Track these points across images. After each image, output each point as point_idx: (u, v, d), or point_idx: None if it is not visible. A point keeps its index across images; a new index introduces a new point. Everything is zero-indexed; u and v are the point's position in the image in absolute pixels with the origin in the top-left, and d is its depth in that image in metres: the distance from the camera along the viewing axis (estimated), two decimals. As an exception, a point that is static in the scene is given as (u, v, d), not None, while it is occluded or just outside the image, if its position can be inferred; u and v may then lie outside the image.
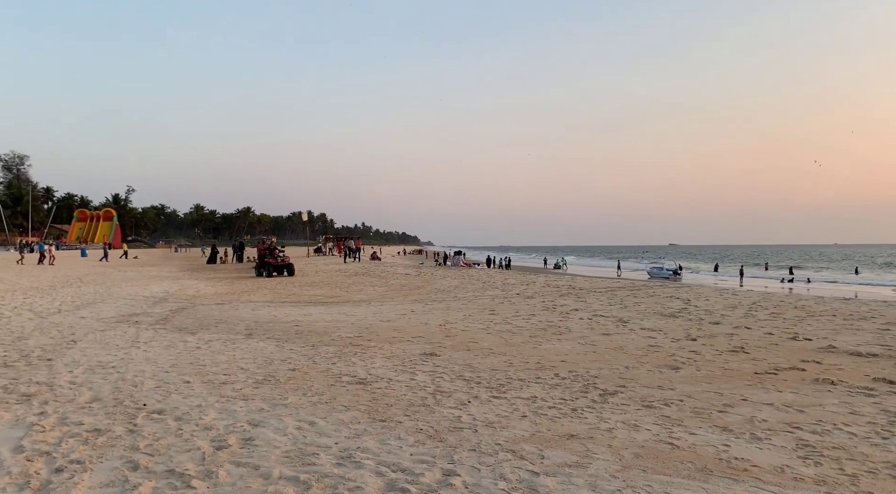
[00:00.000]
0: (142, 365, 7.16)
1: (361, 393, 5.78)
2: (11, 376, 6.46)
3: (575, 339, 8.96)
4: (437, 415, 5.02)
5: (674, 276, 43.08)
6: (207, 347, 8.43)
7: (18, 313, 12.06)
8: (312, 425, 4.73)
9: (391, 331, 9.92)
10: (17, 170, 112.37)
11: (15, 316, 11.50)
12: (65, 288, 18.49)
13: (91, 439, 4.35)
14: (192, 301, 15.49)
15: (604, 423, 4.81)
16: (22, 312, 12.22)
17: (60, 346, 8.37)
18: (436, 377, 6.49)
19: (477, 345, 8.49)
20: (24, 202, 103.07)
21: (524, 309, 12.75)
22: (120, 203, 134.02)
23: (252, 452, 4.08)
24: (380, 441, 4.32)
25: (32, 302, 14.05)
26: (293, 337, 9.41)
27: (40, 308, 13.08)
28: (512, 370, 6.86)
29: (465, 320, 11.21)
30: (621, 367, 7.03)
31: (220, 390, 5.92)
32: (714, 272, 55.03)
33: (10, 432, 4.55)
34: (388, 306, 14.14)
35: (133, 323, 10.87)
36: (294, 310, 13.39)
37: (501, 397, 5.64)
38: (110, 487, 3.49)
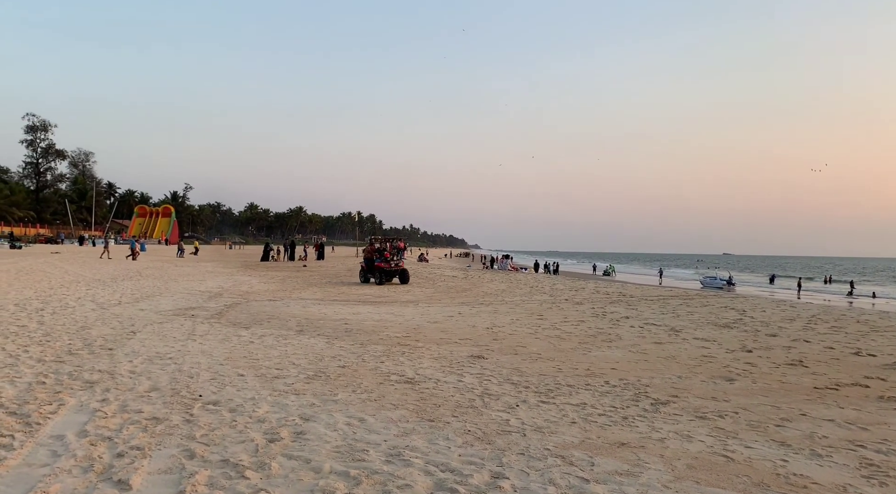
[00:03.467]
0: (197, 357, 7.36)
1: (409, 393, 5.81)
2: (76, 363, 6.74)
3: (625, 347, 8.81)
4: (485, 418, 5.00)
5: (727, 286, 41.97)
6: (260, 342, 8.62)
7: (82, 304, 12.56)
8: (362, 422, 4.79)
9: (438, 333, 9.95)
10: (82, 166, 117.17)
11: (79, 307, 11.98)
12: (125, 280, 19.18)
13: (150, 427, 4.50)
14: (245, 296, 15.85)
15: (655, 433, 4.72)
16: (85, 303, 12.73)
17: (121, 337, 8.68)
18: (483, 379, 6.48)
19: (525, 350, 8.43)
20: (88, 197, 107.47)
21: (573, 315, 12.61)
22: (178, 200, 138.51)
23: (303, 446, 4.15)
24: (428, 441, 4.34)
25: (95, 294, 14.61)
26: (342, 334, 9.53)
27: (102, 299, 13.59)
28: (561, 375, 6.79)
29: (513, 324, 11.15)
30: (673, 377, 6.88)
31: (273, 384, 6.04)
32: (770, 284, 53.31)
33: (75, 417, 4.74)
34: (436, 308, 14.18)
35: (189, 317, 11.19)
36: (343, 309, 13.56)
37: (550, 402, 5.59)
38: (168, 474, 3.60)
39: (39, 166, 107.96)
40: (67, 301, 12.86)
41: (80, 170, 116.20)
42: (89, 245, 65.72)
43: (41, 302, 12.47)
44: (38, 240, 76.04)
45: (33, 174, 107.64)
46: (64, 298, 13.32)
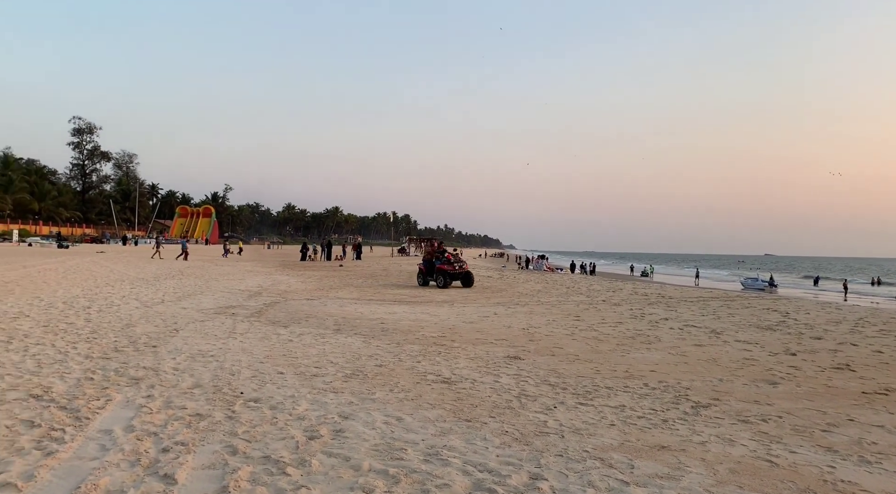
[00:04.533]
0: (238, 355, 7.50)
1: (446, 393, 5.83)
2: (122, 360, 6.92)
3: (665, 349, 8.69)
4: (523, 419, 4.99)
5: (769, 288, 41.05)
6: (299, 340, 8.73)
7: (126, 302, 12.90)
8: (399, 421, 4.81)
9: (474, 333, 9.95)
10: (126, 167, 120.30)
11: (124, 305, 12.31)
12: (167, 279, 19.63)
13: (193, 423, 4.60)
14: (283, 295, 16.08)
15: (697, 436, 4.64)
16: (129, 301, 13.07)
17: (164, 334, 8.88)
18: (520, 380, 6.45)
19: (562, 351, 8.38)
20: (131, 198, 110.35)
21: (611, 317, 12.48)
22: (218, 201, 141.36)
23: (343, 443, 4.20)
24: (466, 441, 4.34)
25: (139, 292, 15.00)
26: (379, 334, 9.60)
27: (146, 297, 13.94)
28: (599, 377, 6.73)
29: (550, 325, 11.09)
30: (714, 380, 6.76)
31: (312, 382, 6.12)
32: (814, 285, 51.92)
33: (122, 412, 4.88)
34: (471, 308, 14.18)
35: (230, 315, 11.41)
36: (379, 308, 13.66)
37: (588, 404, 5.55)
38: (212, 469, 3.67)
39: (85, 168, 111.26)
40: (113, 299, 13.23)
41: (123, 172, 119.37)
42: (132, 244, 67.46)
43: (88, 300, 12.85)
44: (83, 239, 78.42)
45: (79, 176, 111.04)
46: (109, 296, 13.70)
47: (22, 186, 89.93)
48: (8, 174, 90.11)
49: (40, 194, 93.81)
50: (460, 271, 21.37)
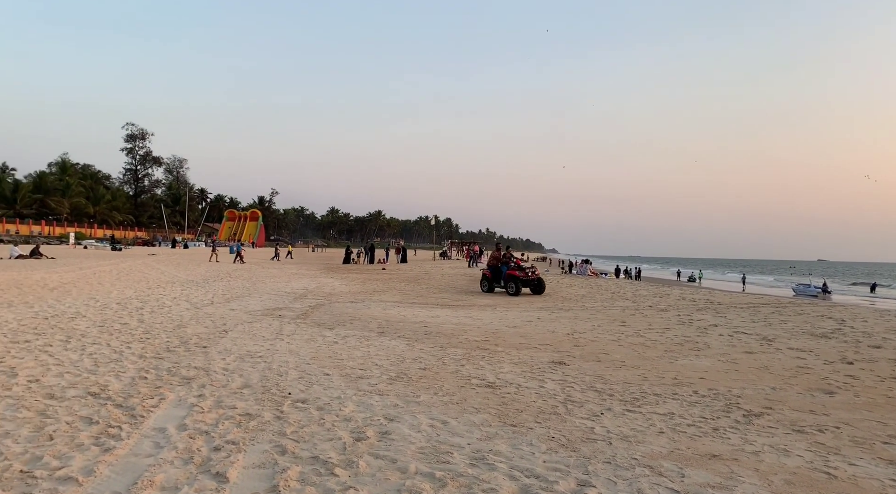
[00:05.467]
0: (285, 356, 7.62)
1: (491, 397, 5.81)
2: (174, 360, 7.11)
3: (714, 356, 8.48)
4: (569, 425, 4.93)
5: (822, 294, 39.74)
6: (344, 342, 8.82)
7: (177, 303, 13.24)
8: (445, 424, 4.82)
9: (518, 337, 9.89)
10: (176, 172, 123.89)
11: (175, 306, 12.64)
12: (216, 281, 20.08)
13: (243, 422, 4.69)
14: (328, 298, 16.28)
15: (749, 445, 4.52)
16: (180, 302, 13.41)
17: (214, 335, 9.09)
18: (566, 386, 6.39)
19: (608, 357, 8.26)
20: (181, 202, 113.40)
21: (658, 323, 12.25)
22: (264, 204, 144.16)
23: (389, 445, 4.22)
24: (511, 446, 4.32)
25: (189, 294, 15.38)
26: (422, 337, 9.63)
27: (195, 299, 14.29)
28: (646, 384, 6.61)
29: (594, 330, 10.95)
30: (767, 388, 6.56)
31: (357, 384, 6.17)
32: (871, 292, 50.00)
33: (175, 411, 5.00)
34: (514, 312, 14.10)
35: (277, 317, 11.60)
36: (422, 311, 13.71)
37: (636, 411, 5.45)
38: (262, 468, 3.73)
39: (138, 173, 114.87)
40: (164, 300, 13.60)
41: (174, 176, 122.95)
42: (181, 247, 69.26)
43: (140, 301, 13.23)
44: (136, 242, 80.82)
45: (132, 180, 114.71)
46: (161, 298, 14.09)
47: (78, 191, 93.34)
48: (65, 179, 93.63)
49: (95, 198, 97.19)
50: (532, 277, 20.06)
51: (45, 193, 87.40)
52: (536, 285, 20.11)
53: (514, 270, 19.85)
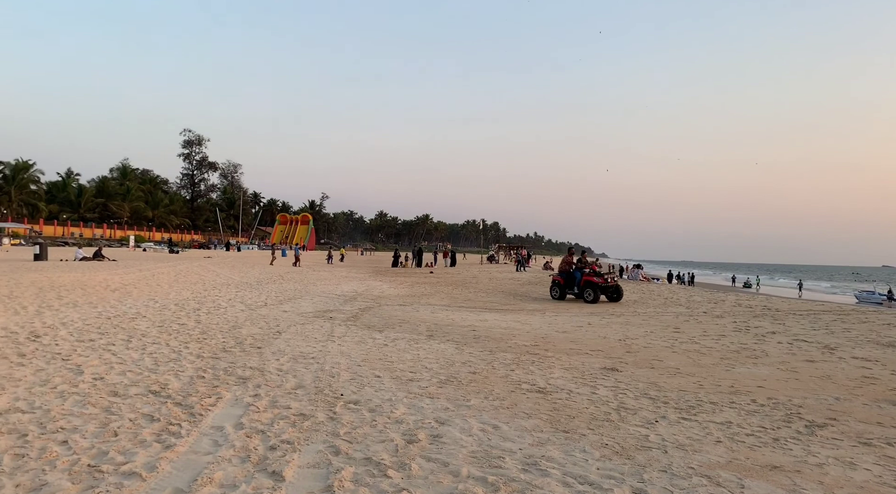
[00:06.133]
0: (337, 357, 7.72)
1: (542, 402, 5.75)
2: (230, 360, 7.28)
3: (773, 364, 8.21)
4: (623, 432, 4.85)
5: (889, 302, 38.06)
6: (393, 345, 8.89)
7: (232, 305, 13.57)
8: (496, 429, 4.80)
9: (568, 343, 9.78)
10: (231, 177, 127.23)
11: (230, 308, 12.96)
12: (269, 284, 20.51)
13: (298, 422, 4.77)
14: (377, 301, 16.43)
15: (812, 457, 4.35)
16: (235, 304, 13.74)
17: (268, 336, 9.27)
18: (618, 393, 6.28)
19: (661, 364, 8.09)
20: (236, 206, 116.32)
21: (713, 329, 11.94)
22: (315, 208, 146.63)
23: (441, 449, 4.23)
24: (564, 452, 4.27)
25: (243, 296, 15.75)
26: (471, 341, 9.62)
27: (249, 301, 14.62)
28: (702, 392, 6.44)
29: (647, 336, 10.74)
30: (830, 398, 6.31)
31: (408, 387, 6.21)
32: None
33: (232, 410, 5.12)
34: (564, 317, 13.96)
35: (328, 319, 11.77)
36: (470, 315, 13.69)
37: (692, 419, 5.32)
38: (316, 468, 3.79)
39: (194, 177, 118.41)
40: (219, 302, 13.95)
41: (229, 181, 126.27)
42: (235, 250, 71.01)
43: (197, 302, 13.61)
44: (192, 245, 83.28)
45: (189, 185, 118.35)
46: (216, 299, 14.46)
47: (138, 195, 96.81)
48: (126, 184, 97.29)
49: (154, 202, 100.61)
50: (611, 284, 18.93)
51: (107, 198, 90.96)
52: (614, 292, 18.97)
53: (590, 276, 18.74)
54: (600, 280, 18.55)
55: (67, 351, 7.40)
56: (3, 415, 4.68)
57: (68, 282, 15.91)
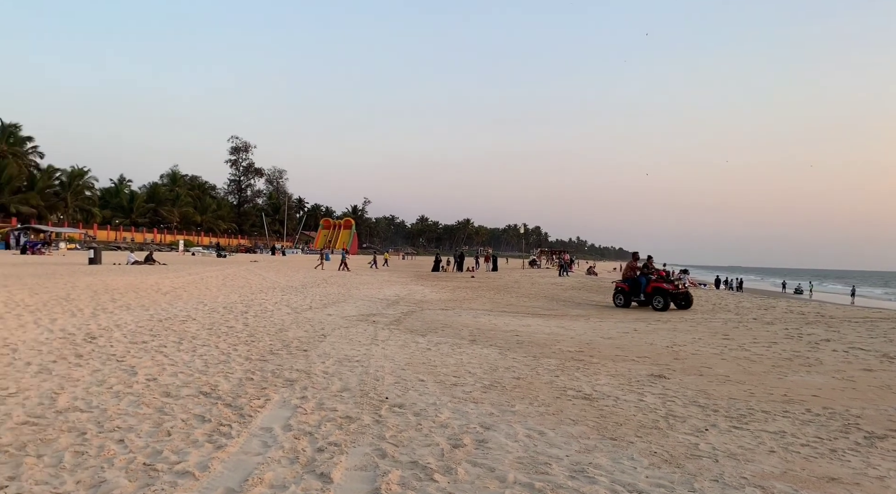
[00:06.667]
0: (381, 361, 7.77)
1: (588, 409, 5.69)
2: (277, 363, 7.41)
3: (828, 373, 7.95)
4: (672, 440, 4.75)
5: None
6: (436, 350, 8.91)
7: (278, 308, 13.81)
8: (542, 435, 4.76)
9: (613, 349, 9.64)
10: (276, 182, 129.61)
11: (276, 311, 13.19)
12: (313, 287, 20.79)
13: (344, 425, 4.82)
14: (419, 305, 16.51)
15: (872, 469, 4.19)
16: (281, 307, 13.98)
17: (313, 339, 9.40)
18: (666, 400, 6.16)
19: (710, 371, 7.91)
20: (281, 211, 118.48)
21: (763, 336, 11.62)
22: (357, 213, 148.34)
23: (486, 454, 4.21)
24: (612, 460, 4.21)
25: (289, 299, 16.00)
26: (514, 346, 9.57)
27: (295, 304, 14.85)
28: (753, 400, 6.28)
29: (695, 343, 10.52)
30: (890, 409, 6.07)
31: (452, 391, 6.21)
32: None
33: (280, 411, 5.21)
34: (608, 323, 13.78)
35: (371, 323, 11.87)
36: (513, 320, 13.63)
37: (743, 428, 5.19)
38: (364, 471, 3.82)
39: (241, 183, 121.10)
40: (266, 305, 14.21)
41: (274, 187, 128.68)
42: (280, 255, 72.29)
43: (244, 305, 13.89)
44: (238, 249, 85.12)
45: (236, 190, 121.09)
46: (263, 303, 14.73)
47: (187, 201, 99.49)
48: (175, 189, 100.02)
49: (202, 208, 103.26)
50: (682, 291, 17.98)
51: (158, 203, 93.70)
52: (684, 299, 17.99)
53: (659, 282, 17.78)
54: (670, 286, 17.70)
55: (122, 352, 7.63)
56: (63, 414, 4.86)
57: (121, 286, 16.42)
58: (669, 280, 18.09)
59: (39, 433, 4.35)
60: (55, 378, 6.09)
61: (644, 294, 18.06)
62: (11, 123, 73.36)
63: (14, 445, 4.05)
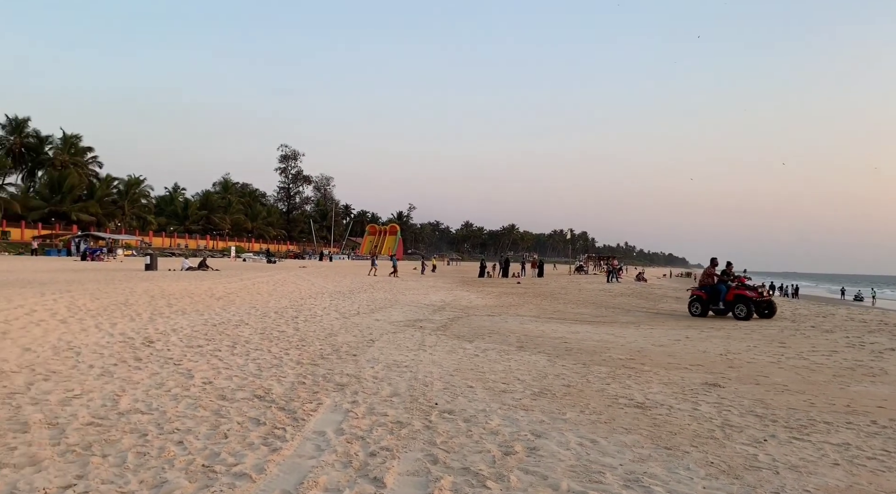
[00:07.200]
0: (429, 366, 7.80)
1: (641, 417, 5.59)
2: (327, 367, 7.51)
3: (894, 383, 7.62)
4: (729, 450, 4.63)
5: None
6: (484, 356, 8.89)
7: (327, 313, 14.00)
8: (594, 443, 4.70)
9: (665, 357, 9.45)
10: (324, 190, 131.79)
11: (325, 316, 13.38)
12: (360, 293, 21.02)
13: (395, 430, 4.85)
14: (465, 311, 16.50)
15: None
16: (330, 312, 14.17)
17: (362, 344, 9.50)
18: (722, 409, 6.01)
19: (767, 380, 7.68)
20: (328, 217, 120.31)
21: (822, 344, 11.23)
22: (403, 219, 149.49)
23: (538, 461, 4.18)
24: (667, 469, 4.12)
25: (337, 305, 16.21)
26: (563, 353, 9.47)
27: (343, 309, 15.04)
28: (814, 411, 6.06)
29: (750, 351, 10.22)
30: (963, 423, 5.79)
31: (501, 398, 6.19)
32: None
33: (332, 416, 5.28)
34: (659, 330, 13.52)
35: (418, 328, 11.93)
36: (560, 327, 13.50)
37: (804, 439, 5.02)
38: (416, 476, 3.84)
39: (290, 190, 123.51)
40: (315, 310, 14.43)
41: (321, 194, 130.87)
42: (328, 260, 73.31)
43: (295, 310, 14.13)
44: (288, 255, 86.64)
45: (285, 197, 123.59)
46: (312, 308, 14.96)
47: (238, 208, 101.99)
48: (227, 197, 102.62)
49: (253, 215, 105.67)
50: (766, 298, 17.07)
51: (210, 210, 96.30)
52: (767, 307, 17.01)
53: (742, 289, 16.83)
54: (753, 293, 16.75)
55: (178, 356, 7.85)
56: (125, 415, 5.02)
57: (177, 291, 16.89)
58: (753, 287, 17.17)
59: (104, 433, 4.51)
60: (116, 380, 6.30)
61: (724, 302, 17.08)
62: (73, 134, 76.70)
63: (80, 445, 4.22)
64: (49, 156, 73.83)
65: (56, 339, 8.53)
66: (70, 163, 73.46)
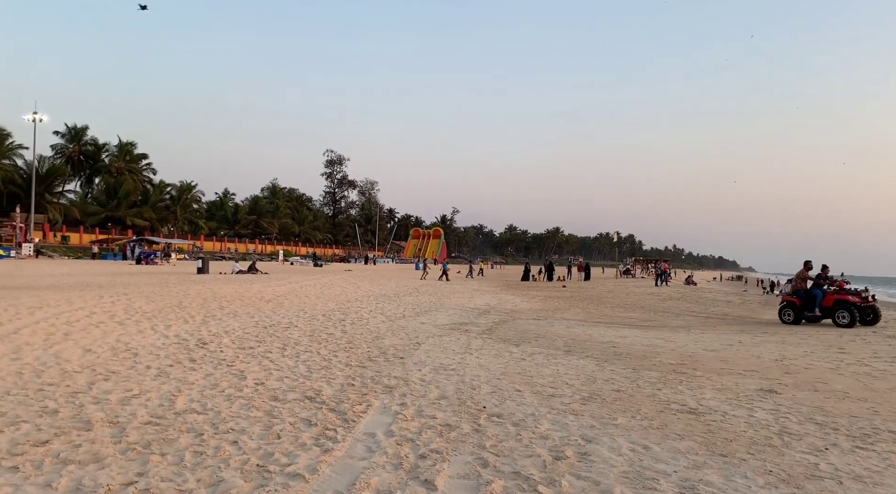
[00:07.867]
0: (476, 370, 7.79)
1: (694, 424, 5.46)
2: (375, 369, 7.57)
3: (963, 392, 7.27)
4: (788, 459, 4.49)
5: None
6: (531, 360, 8.83)
7: (374, 315, 14.13)
8: (647, 449, 4.61)
9: (718, 362, 9.22)
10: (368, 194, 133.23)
11: (371, 319, 13.50)
12: (405, 296, 21.14)
13: (444, 432, 4.86)
14: (510, 315, 16.43)
15: None
16: (376, 315, 14.29)
17: (408, 347, 9.55)
18: (779, 416, 5.83)
19: (826, 387, 7.42)
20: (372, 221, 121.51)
21: (885, 350, 10.79)
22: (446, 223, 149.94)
23: (590, 467, 4.13)
24: (724, 477, 4.02)
25: (383, 308, 16.35)
26: (612, 357, 9.34)
27: (389, 312, 15.15)
28: (878, 419, 5.83)
29: (807, 357, 9.90)
30: None
31: (550, 402, 6.13)
32: None
33: (381, 417, 5.32)
34: (710, 335, 13.20)
35: (463, 332, 11.92)
36: (608, 331, 13.32)
37: (868, 448, 4.83)
38: (466, 480, 3.83)
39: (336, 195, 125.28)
40: (362, 313, 14.57)
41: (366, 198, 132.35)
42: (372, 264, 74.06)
43: (342, 313, 14.30)
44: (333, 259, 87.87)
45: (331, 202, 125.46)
46: (359, 311, 15.12)
47: (285, 212, 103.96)
48: (275, 202, 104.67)
49: (300, 219, 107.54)
50: (871, 303, 15.65)
51: (259, 215, 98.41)
52: (871, 313, 15.63)
53: (843, 294, 15.49)
54: (857, 298, 15.43)
55: (231, 357, 8.03)
56: (181, 415, 5.16)
57: (228, 294, 17.30)
58: (856, 292, 15.81)
59: (161, 432, 4.64)
60: (172, 381, 6.48)
61: (820, 308, 15.85)
62: (128, 141, 79.43)
63: (140, 443, 4.35)
64: (105, 163, 76.62)
65: (114, 340, 8.83)
66: (125, 170, 76.07)
